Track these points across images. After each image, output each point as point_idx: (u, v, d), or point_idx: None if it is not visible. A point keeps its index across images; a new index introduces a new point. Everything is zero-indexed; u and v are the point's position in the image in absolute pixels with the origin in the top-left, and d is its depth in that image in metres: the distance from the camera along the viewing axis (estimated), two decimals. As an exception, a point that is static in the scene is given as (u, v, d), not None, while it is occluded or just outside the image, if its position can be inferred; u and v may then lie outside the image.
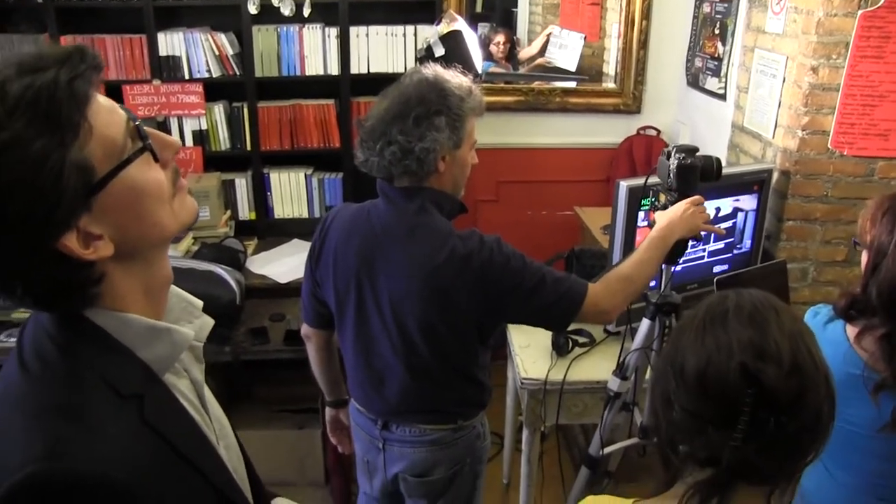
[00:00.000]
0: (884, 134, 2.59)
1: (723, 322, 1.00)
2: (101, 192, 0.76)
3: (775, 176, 2.61)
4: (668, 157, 1.81)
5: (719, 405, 0.97)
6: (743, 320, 0.99)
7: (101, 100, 0.78)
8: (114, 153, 0.78)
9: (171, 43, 3.06)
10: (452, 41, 2.37)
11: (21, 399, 0.77)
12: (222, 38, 3.08)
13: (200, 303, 0.97)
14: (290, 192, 3.33)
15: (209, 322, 0.97)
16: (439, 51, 2.40)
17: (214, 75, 3.12)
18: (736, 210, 2.48)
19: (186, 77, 3.11)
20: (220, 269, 2.72)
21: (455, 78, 1.69)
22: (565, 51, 3.94)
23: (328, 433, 2.14)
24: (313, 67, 3.15)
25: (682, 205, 1.78)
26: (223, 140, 3.22)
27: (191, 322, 0.94)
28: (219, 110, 3.17)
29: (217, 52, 3.09)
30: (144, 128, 0.82)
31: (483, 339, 1.74)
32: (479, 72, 2.55)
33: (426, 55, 2.43)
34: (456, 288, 1.61)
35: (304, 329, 1.94)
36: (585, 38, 3.90)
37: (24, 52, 0.75)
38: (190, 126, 3.17)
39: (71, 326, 0.80)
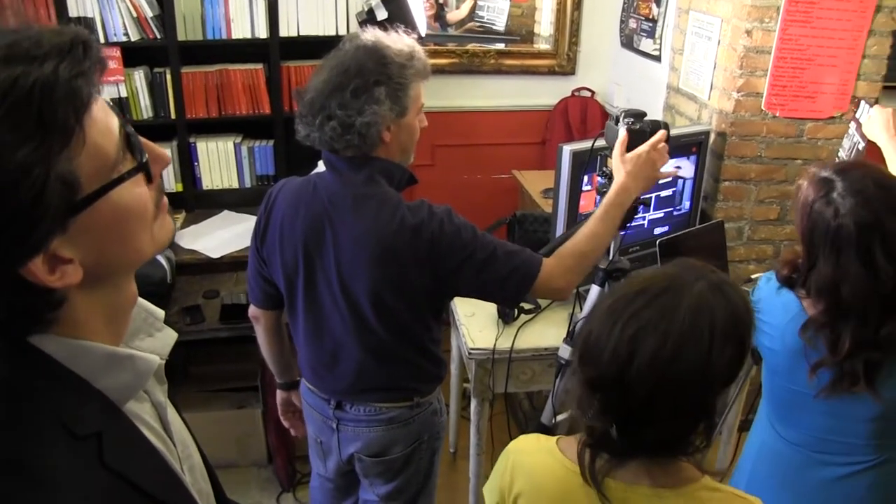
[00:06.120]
0: (811, 96, 2.66)
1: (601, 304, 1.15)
2: (83, 212, 0.65)
3: (712, 137, 2.65)
4: (617, 122, 1.78)
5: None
6: (603, 309, 1.09)
7: (99, 101, 0.67)
8: (104, 168, 0.67)
9: (81, 2, 2.84)
10: (395, 4, 2.28)
11: None
12: (140, -1, 2.89)
13: (162, 313, 0.87)
14: (219, 162, 3.18)
15: (172, 336, 0.87)
16: (381, 14, 2.30)
17: (133, 39, 2.92)
18: (676, 179, 2.50)
19: (101, 41, 2.90)
20: (148, 246, 2.59)
21: (396, 43, 1.60)
22: (493, 13, 3.88)
23: (280, 416, 2.07)
24: (240, 30, 2.98)
25: (637, 156, 1.66)
26: (145, 108, 3.04)
27: (151, 335, 0.84)
28: (139, 77, 2.98)
29: (135, 14, 2.89)
30: (139, 137, 0.71)
31: (435, 311, 1.70)
32: (423, 34, 2.46)
33: (368, 19, 2.33)
34: (406, 260, 1.56)
35: (252, 310, 1.86)
36: (512, -2, 3.84)
37: (15, 29, 0.62)
38: (107, 94, 2.95)
39: (15, 355, 0.68)
